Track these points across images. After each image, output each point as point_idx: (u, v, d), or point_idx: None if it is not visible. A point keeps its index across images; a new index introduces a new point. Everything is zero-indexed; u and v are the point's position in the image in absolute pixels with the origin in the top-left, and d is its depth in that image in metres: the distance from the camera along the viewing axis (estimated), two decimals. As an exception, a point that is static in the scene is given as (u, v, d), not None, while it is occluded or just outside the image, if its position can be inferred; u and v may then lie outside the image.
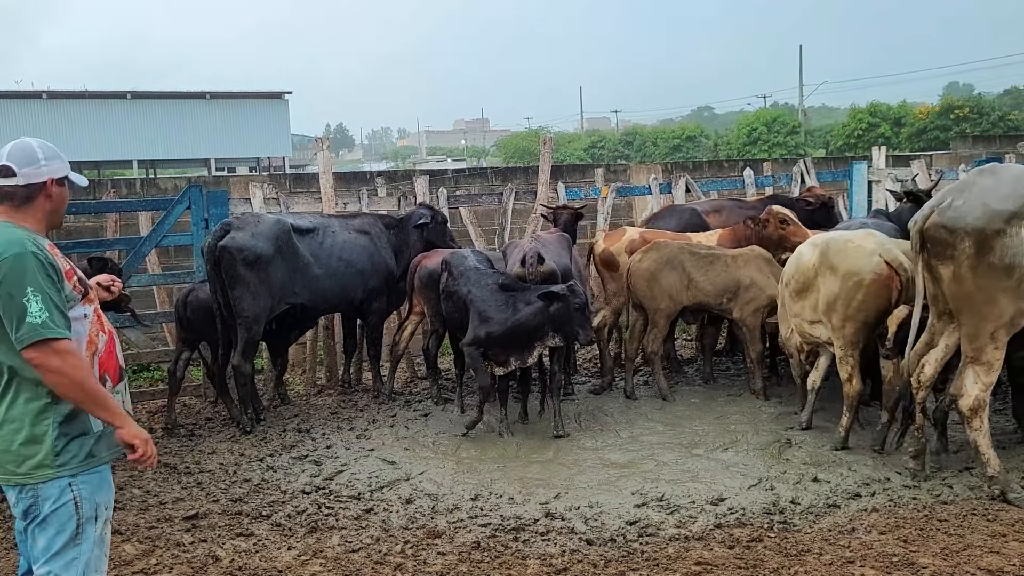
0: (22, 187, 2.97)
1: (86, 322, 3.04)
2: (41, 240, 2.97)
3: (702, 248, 7.42)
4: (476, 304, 6.41)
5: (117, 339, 3.23)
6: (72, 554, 2.94)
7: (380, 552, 4.62)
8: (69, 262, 3.09)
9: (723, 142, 46.35)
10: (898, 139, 38.48)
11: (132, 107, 38.64)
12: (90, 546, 2.98)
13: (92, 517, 2.98)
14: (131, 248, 7.92)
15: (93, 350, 3.04)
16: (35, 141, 3.06)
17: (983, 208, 4.75)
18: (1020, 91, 54.25)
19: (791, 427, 6.43)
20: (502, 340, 6.34)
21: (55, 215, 3.10)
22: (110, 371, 3.11)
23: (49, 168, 3.03)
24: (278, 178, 11.85)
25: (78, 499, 2.94)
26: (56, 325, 2.83)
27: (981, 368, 4.93)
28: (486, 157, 68.01)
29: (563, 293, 6.17)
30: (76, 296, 3.01)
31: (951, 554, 4.31)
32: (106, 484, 3.06)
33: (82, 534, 2.96)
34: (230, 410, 7.13)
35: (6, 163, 2.96)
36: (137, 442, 2.95)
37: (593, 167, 12.30)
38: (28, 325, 2.79)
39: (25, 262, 2.82)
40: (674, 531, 4.76)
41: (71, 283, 3.00)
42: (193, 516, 5.15)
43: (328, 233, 7.49)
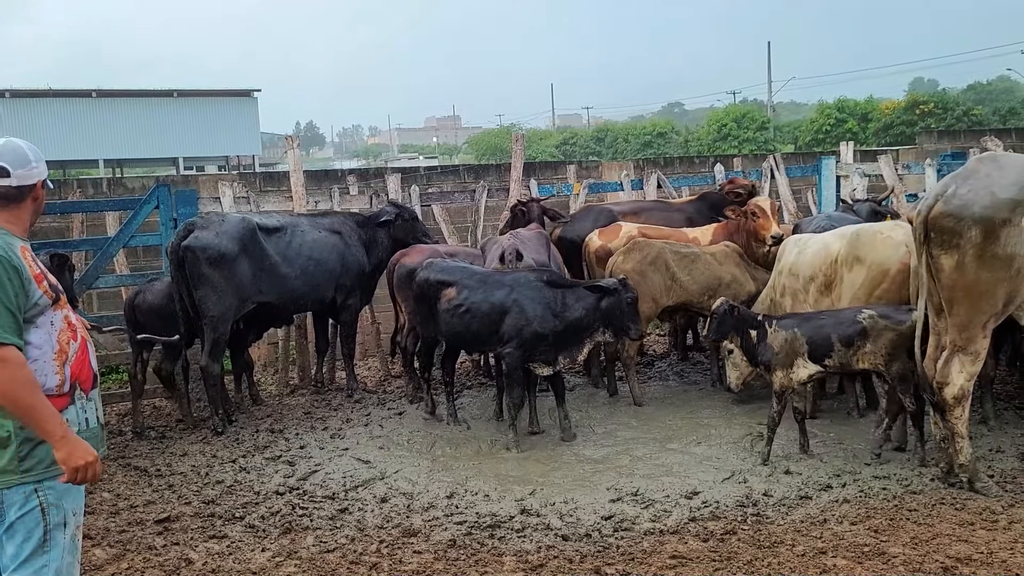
0: (15, 188, 2.94)
1: (54, 329, 2.96)
2: (13, 243, 2.91)
3: (683, 247, 7.46)
4: (522, 305, 6.14)
5: (91, 345, 3.16)
6: (41, 561, 2.88)
7: (355, 552, 4.60)
8: (41, 266, 3.02)
9: (693, 138, 46.64)
10: (865, 134, 38.94)
11: (98, 105, 38.09)
12: (60, 553, 2.91)
13: (61, 523, 2.92)
14: (98, 249, 7.81)
15: (63, 358, 2.97)
16: (23, 142, 3.02)
17: (991, 196, 4.69)
18: (983, 86, 55.12)
19: (762, 420, 6.47)
20: (553, 338, 6.19)
21: (35, 216, 3.08)
22: (82, 378, 3.04)
23: (39, 170, 3.01)
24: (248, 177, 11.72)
25: (44, 505, 2.88)
26: (3, 330, 2.75)
27: (968, 358, 4.93)
28: (458, 155, 67.92)
29: (615, 288, 6.11)
30: (47, 302, 2.94)
31: (920, 543, 4.38)
32: (75, 489, 2.98)
33: (51, 541, 2.89)
34: (181, 408, 7.03)
35: (1, 164, 2.93)
36: (66, 467, 2.81)
37: (565, 164, 12.31)
38: None
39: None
40: (649, 525, 4.78)
41: (41, 288, 2.92)
42: (165, 519, 5.09)
43: (297, 232, 7.44)
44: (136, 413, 6.99)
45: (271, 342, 8.81)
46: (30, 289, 2.88)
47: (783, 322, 5.70)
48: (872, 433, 5.79)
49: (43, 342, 2.91)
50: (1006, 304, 4.86)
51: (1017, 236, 4.68)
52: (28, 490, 2.86)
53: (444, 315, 6.33)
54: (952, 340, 4.97)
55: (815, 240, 6.49)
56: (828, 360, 5.53)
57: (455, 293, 6.32)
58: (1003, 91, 53.00)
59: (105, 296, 9.90)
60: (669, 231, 7.95)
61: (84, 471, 2.83)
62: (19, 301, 2.82)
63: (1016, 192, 4.68)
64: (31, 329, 2.90)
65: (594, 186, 10.67)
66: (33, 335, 2.90)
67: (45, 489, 2.89)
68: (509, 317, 6.16)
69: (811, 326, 5.60)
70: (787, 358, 5.58)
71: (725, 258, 7.29)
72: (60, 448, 2.81)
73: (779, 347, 5.60)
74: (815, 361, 5.55)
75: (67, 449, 2.82)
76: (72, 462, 2.82)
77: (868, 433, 6.04)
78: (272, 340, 8.76)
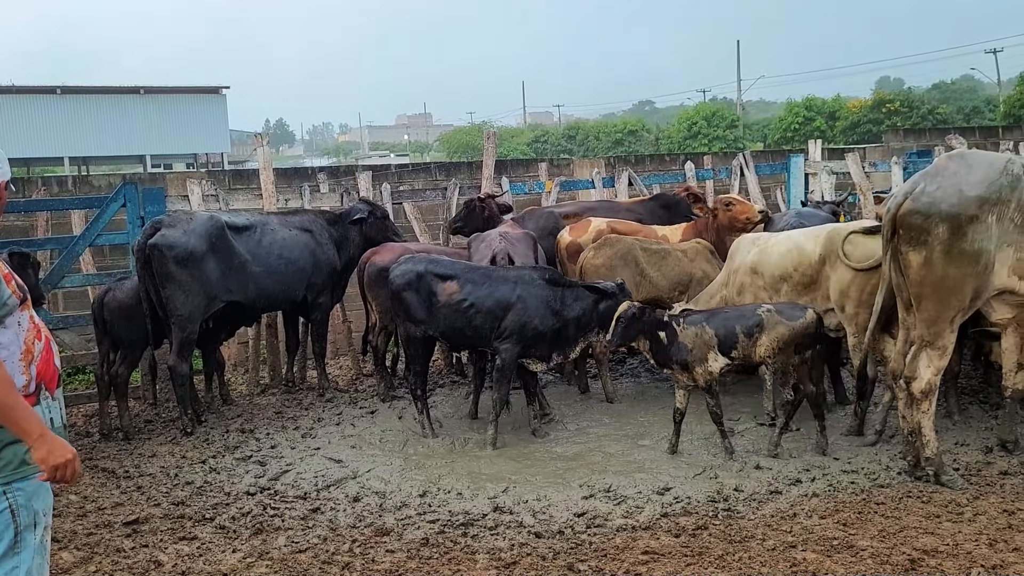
0: None
1: (21, 330, 2.92)
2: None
3: (653, 243, 7.51)
4: (526, 301, 6.18)
5: (54, 344, 3.13)
6: (12, 563, 2.84)
7: (328, 552, 4.57)
8: (7, 267, 2.98)
9: (664, 136, 46.94)
10: (833, 133, 39.44)
11: (62, 102, 37.53)
12: (30, 554, 2.87)
13: (31, 524, 2.88)
14: (64, 248, 7.70)
15: (30, 358, 2.93)
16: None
17: (958, 194, 4.76)
18: (948, 86, 56.00)
19: (732, 417, 6.54)
20: (550, 336, 6.24)
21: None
22: (47, 378, 3.00)
23: (2, 171, 2.98)
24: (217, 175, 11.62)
25: (14, 507, 2.84)
26: None
27: (935, 352, 5.01)
28: (429, 152, 67.77)
29: (613, 291, 6.17)
30: (15, 302, 2.89)
31: (888, 536, 4.44)
32: (44, 490, 2.94)
33: (21, 542, 2.85)
34: (120, 416, 6.84)
35: None
36: (45, 467, 2.77)
37: (537, 162, 12.34)
38: None
39: None
40: (621, 521, 4.81)
41: (10, 288, 2.88)
42: (133, 521, 5.03)
43: (267, 230, 7.37)
44: (103, 414, 6.89)
45: (241, 341, 8.73)
46: (1, 289, 2.84)
47: (690, 319, 5.84)
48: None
49: (11, 342, 2.87)
50: (973, 300, 4.94)
51: (984, 232, 4.76)
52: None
53: (444, 310, 6.30)
54: (920, 335, 5.04)
55: (780, 238, 6.55)
56: (734, 352, 5.74)
57: (457, 287, 6.31)
58: (967, 90, 53.92)
59: (71, 295, 9.76)
60: (639, 227, 7.98)
61: (64, 469, 2.79)
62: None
63: (983, 190, 4.75)
64: (0, 330, 2.86)
65: (566, 184, 10.69)
66: (1, 336, 2.86)
67: (14, 491, 2.84)
68: (512, 313, 6.18)
69: (719, 320, 5.80)
70: (701, 353, 5.73)
71: (696, 255, 7.35)
72: (39, 447, 2.76)
73: (691, 343, 5.73)
74: (724, 353, 5.73)
75: (46, 448, 2.77)
76: (52, 460, 2.77)
77: (838, 428, 6.12)
78: (242, 339, 8.68)
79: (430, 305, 6.31)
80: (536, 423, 6.47)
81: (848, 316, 5.97)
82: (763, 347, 5.64)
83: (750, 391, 7.19)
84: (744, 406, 6.75)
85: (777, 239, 6.56)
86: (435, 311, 6.28)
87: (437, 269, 6.39)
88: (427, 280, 6.34)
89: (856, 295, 5.88)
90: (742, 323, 5.69)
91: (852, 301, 5.91)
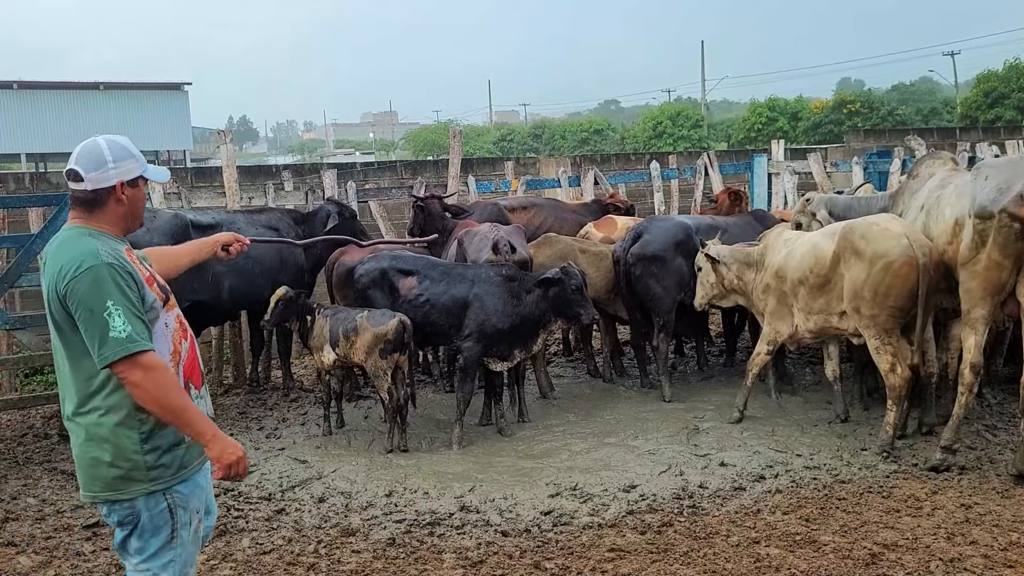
0: (91, 192, 2.83)
1: (168, 331, 2.91)
2: (118, 246, 2.85)
3: (592, 244, 7.55)
4: (482, 299, 6.17)
5: (196, 343, 3.11)
6: (169, 556, 2.89)
7: (293, 553, 4.54)
8: (149, 268, 2.96)
9: (630, 135, 47.18)
10: (795, 133, 39.92)
11: (19, 98, 36.83)
12: (184, 547, 2.93)
13: (187, 523, 2.93)
14: (20, 246, 7.54)
15: (177, 359, 2.93)
16: (104, 141, 2.88)
17: None
18: (907, 87, 56.94)
19: (697, 414, 6.60)
20: (508, 333, 6.22)
21: (132, 218, 2.95)
22: (193, 378, 3.00)
23: (118, 171, 2.86)
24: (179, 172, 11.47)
25: (172, 507, 2.89)
26: (140, 338, 2.69)
27: None
28: (395, 150, 67.45)
29: (558, 277, 6.12)
30: (159, 304, 2.89)
31: (849, 531, 4.51)
32: (198, 491, 2.98)
33: (177, 539, 2.91)
34: None
35: (74, 167, 2.82)
36: (219, 465, 2.79)
37: (503, 160, 12.36)
38: (113, 341, 2.65)
39: (101, 274, 2.68)
40: (587, 519, 4.82)
41: (153, 290, 2.87)
42: (94, 524, 4.94)
43: (233, 229, 7.27)
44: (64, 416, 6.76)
45: (204, 341, 8.61)
46: (144, 293, 2.82)
47: (324, 312, 6.39)
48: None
49: (160, 344, 2.86)
50: None
51: None
52: (158, 496, 2.86)
53: (404, 305, 6.29)
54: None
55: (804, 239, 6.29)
56: (338, 349, 6.22)
57: (416, 283, 6.32)
58: (925, 92, 54.86)
59: (28, 295, 9.58)
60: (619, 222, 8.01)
61: (236, 466, 2.82)
62: (140, 307, 2.77)
63: None
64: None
65: (532, 182, 10.72)
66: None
67: (173, 493, 2.88)
68: (471, 311, 6.18)
69: (336, 319, 6.26)
70: (319, 343, 6.33)
71: None
72: (212, 446, 2.79)
73: (316, 333, 6.38)
74: (333, 349, 6.24)
75: (219, 447, 2.79)
76: (225, 459, 2.79)
77: (801, 424, 6.20)
78: (206, 339, 8.57)
79: (393, 301, 6.33)
80: (503, 422, 6.47)
81: (866, 316, 5.63)
82: (359, 349, 6.06)
83: (714, 387, 7.26)
84: (708, 404, 6.81)
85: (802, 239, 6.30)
86: (397, 307, 6.27)
87: (400, 265, 6.41)
88: (390, 276, 6.38)
89: (871, 294, 5.58)
90: (344, 325, 6.15)
91: (867, 301, 5.61)
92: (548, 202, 9.24)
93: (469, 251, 6.89)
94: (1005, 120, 30.97)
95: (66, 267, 2.71)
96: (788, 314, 6.21)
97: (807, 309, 6.05)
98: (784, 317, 6.24)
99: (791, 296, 6.14)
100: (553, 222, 8.54)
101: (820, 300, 5.97)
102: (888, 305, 5.55)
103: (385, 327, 5.94)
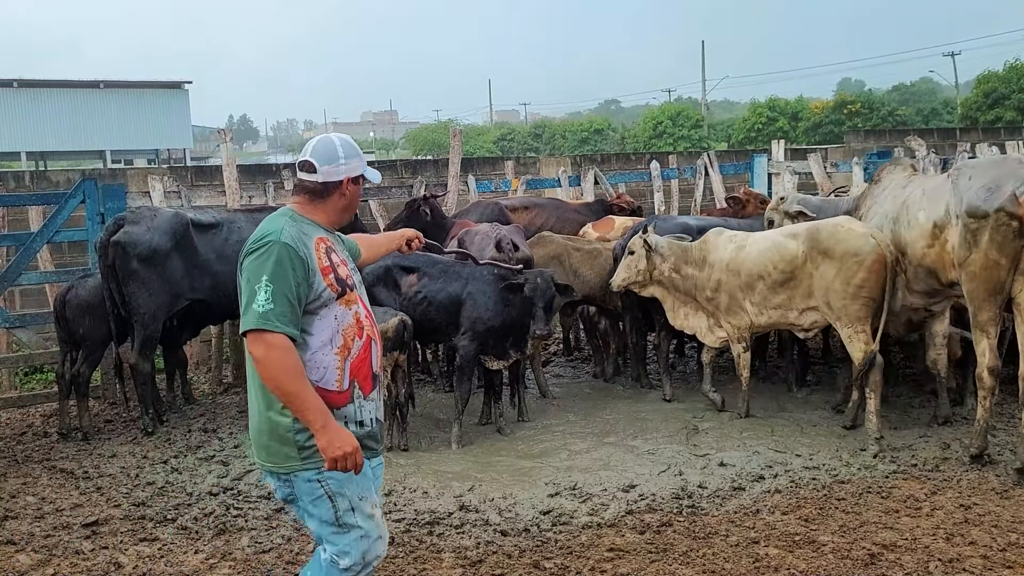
0: (320, 184, 3.04)
1: (338, 323, 2.98)
2: (311, 232, 3.00)
3: (584, 243, 7.55)
4: (475, 297, 6.21)
5: (376, 346, 3.13)
6: (343, 541, 2.98)
7: (292, 552, 4.54)
8: (334, 260, 3.03)
9: (630, 135, 47.21)
10: (795, 133, 39.92)
11: (19, 96, 36.84)
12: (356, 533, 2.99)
13: (348, 509, 2.98)
14: (20, 245, 7.54)
15: (346, 354, 2.98)
16: (337, 138, 3.11)
17: None
18: (907, 87, 56.99)
19: (697, 414, 6.60)
20: (501, 331, 6.23)
21: (347, 212, 3.15)
22: (359, 377, 3.03)
23: (347, 167, 3.07)
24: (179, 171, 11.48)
25: (329, 493, 2.95)
26: (276, 319, 2.80)
27: None
28: (395, 150, 67.52)
29: (517, 282, 6.10)
30: (331, 295, 2.96)
31: (848, 531, 4.51)
32: (355, 477, 2.98)
33: (344, 525, 2.98)
34: (80, 416, 6.70)
35: (309, 159, 3.04)
36: (325, 457, 2.84)
37: (503, 160, 12.36)
38: (251, 312, 2.82)
39: (272, 251, 2.85)
40: (586, 519, 4.82)
41: (327, 281, 2.95)
42: (93, 522, 4.94)
43: (234, 228, 7.26)
44: (63, 414, 6.77)
45: (204, 340, 8.63)
46: (314, 281, 2.92)
47: None
48: None
49: (325, 335, 2.94)
50: None
51: None
52: (311, 476, 2.92)
53: (405, 302, 6.32)
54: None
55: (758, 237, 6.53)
56: None
57: (416, 280, 6.35)
58: (926, 92, 54.92)
59: (28, 293, 9.59)
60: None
61: (344, 460, 2.84)
62: (300, 291, 2.87)
63: None
64: (313, 320, 2.94)
65: (532, 182, 10.72)
66: (315, 326, 2.94)
67: (326, 479, 2.94)
68: (464, 309, 6.20)
69: None
70: None
71: None
72: (320, 437, 2.83)
73: None
74: None
75: (326, 438, 2.83)
76: (331, 451, 2.82)
77: (800, 424, 6.20)
78: (205, 337, 8.58)
79: (397, 298, 6.36)
80: (501, 421, 6.47)
81: (838, 309, 5.93)
82: None
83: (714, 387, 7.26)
84: (708, 404, 6.81)
85: (754, 237, 6.52)
86: (400, 305, 6.30)
87: (403, 262, 6.43)
88: (393, 273, 6.42)
89: (842, 289, 5.86)
90: None
91: (839, 295, 5.88)
92: (550, 202, 9.25)
93: (471, 250, 6.89)
94: (1005, 121, 30.99)
95: (252, 239, 2.96)
96: (740, 310, 6.42)
97: (763, 304, 6.30)
98: (737, 312, 6.46)
99: (744, 291, 6.34)
100: (555, 222, 8.54)
101: (780, 296, 6.21)
102: (862, 296, 5.85)
103: (386, 325, 5.94)
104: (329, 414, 2.86)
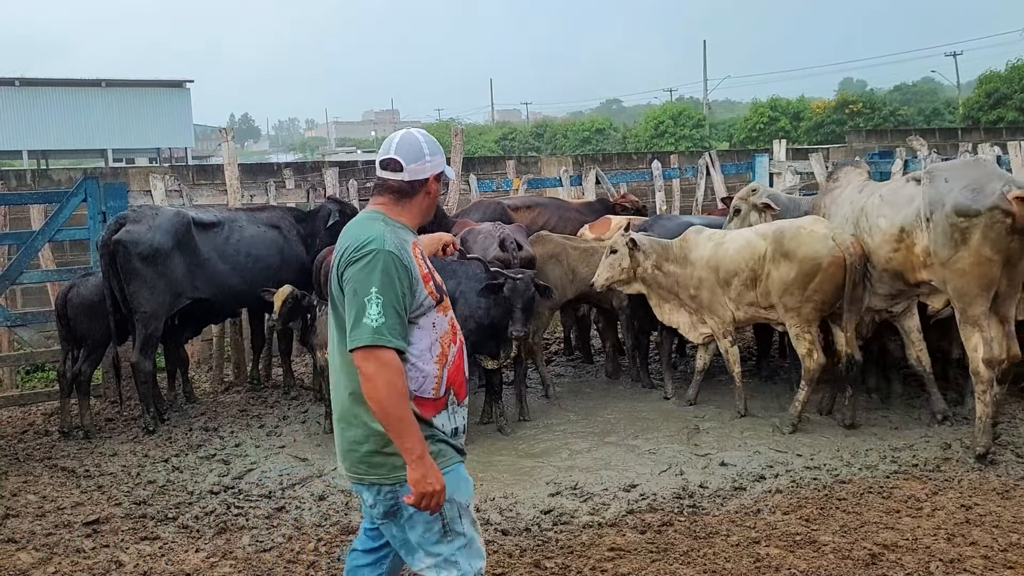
0: (406, 183, 2.89)
1: (436, 331, 2.87)
2: (407, 238, 2.86)
3: (582, 242, 7.56)
4: (465, 295, 6.20)
5: (465, 350, 3.04)
6: (446, 549, 2.85)
7: (293, 551, 4.54)
8: (428, 265, 2.93)
9: (631, 135, 47.19)
10: (797, 133, 39.91)
11: (21, 94, 36.87)
12: (463, 539, 2.87)
13: (456, 516, 2.85)
14: (21, 243, 7.55)
15: (443, 362, 2.87)
16: (420, 134, 2.96)
17: None
18: (909, 87, 56.94)
19: (697, 414, 6.60)
20: (491, 329, 6.22)
21: (429, 212, 3.01)
22: (455, 385, 2.92)
23: (432, 164, 2.93)
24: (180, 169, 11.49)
25: None
26: (389, 334, 2.67)
27: None
28: (396, 149, 67.30)
29: (495, 283, 6.07)
30: (431, 303, 2.85)
31: (849, 531, 4.51)
32: (463, 481, 2.90)
33: (451, 532, 2.85)
34: (81, 415, 6.70)
35: (394, 156, 2.88)
36: (414, 490, 2.70)
37: (504, 159, 12.36)
38: (363, 327, 2.67)
39: (378, 260, 2.70)
40: (587, 518, 4.82)
41: (427, 288, 2.84)
42: (94, 521, 4.95)
43: (235, 227, 7.28)
44: (64, 413, 6.77)
45: (205, 338, 8.64)
46: (417, 289, 2.80)
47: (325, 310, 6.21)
48: None
49: (424, 344, 2.82)
50: None
51: None
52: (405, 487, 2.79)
53: None
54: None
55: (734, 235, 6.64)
56: None
57: None
58: (927, 92, 54.86)
59: (30, 291, 9.60)
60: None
61: (430, 499, 2.72)
62: (406, 302, 2.75)
63: None
64: (413, 330, 2.81)
65: (533, 182, 10.71)
66: (415, 335, 2.81)
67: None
68: (457, 307, 6.15)
69: None
70: (321, 341, 6.29)
71: None
72: (415, 469, 2.69)
73: (319, 331, 6.42)
74: None
75: (421, 472, 2.69)
76: (423, 486, 2.70)
77: (801, 424, 6.20)
78: (207, 336, 8.59)
79: None
80: (502, 421, 6.47)
81: (792, 309, 6.10)
82: None
83: (714, 387, 7.26)
84: (709, 404, 6.81)
85: (731, 235, 6.66)
86: None
87: None
88: None
89: (799, 290, 6.04)
90: None
91: (795, 296, 6.05)
92: (552, 201, 9.24)
93: (474, 250, 6.90)
94: (1007, 121, 30.96)
95: (351, 246, 2.76)
96: (721, 305, 6.53)
97: (739, 300, 6.45)
98: (718, 309, 6.56)
99: (723, 287, 6.47)
100: (556, 221, 8.53)
101: (751, 293, 6.37)
102: (814, 299, 6.04)
103: None
104: (426, 445, 2.74)
